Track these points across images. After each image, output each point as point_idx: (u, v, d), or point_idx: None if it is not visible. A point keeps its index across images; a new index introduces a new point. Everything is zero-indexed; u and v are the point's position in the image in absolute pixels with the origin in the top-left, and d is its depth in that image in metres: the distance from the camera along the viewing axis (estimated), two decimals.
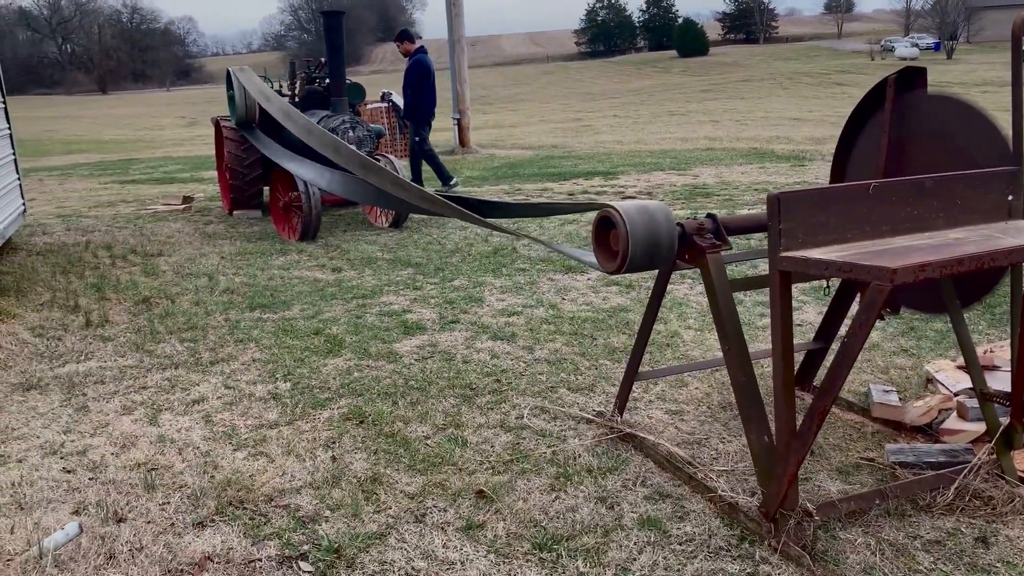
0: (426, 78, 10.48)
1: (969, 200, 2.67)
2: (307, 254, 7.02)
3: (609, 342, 4.51)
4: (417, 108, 10.53)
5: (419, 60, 10.51)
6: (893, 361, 4.08)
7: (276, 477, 3.08)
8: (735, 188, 9.86)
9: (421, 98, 10.50)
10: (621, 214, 2.70)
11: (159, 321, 5.11)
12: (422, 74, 10.46)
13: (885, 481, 2.91)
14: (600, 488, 2.94)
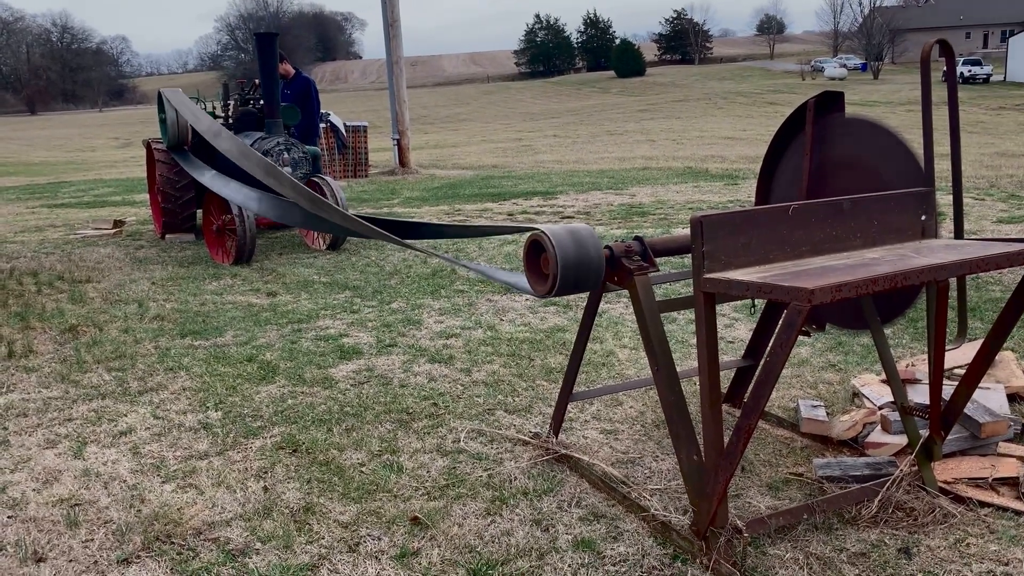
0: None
1: (885, 220, 2.77)
2: (241, 278, 6.91)
3: (546, 362, 4.53)
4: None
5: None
6: (821, 376, 4.18)
7: (206, 509, 3.02)
8: (670, 207, 10.02)
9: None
10: (550, 238, 2.73)
11: (86, 350, 4.97)
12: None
13: (813, 495, 2.97)
14: (535, 511, 2.94)
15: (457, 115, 51.20)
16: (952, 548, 2.62)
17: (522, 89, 73.63)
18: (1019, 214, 8.28)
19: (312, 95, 9.64)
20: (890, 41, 70.45)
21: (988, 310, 5.07)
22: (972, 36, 76.36)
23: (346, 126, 16.19)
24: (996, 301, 5.21)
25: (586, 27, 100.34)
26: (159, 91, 8.45)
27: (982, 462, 3.07)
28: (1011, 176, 11.98)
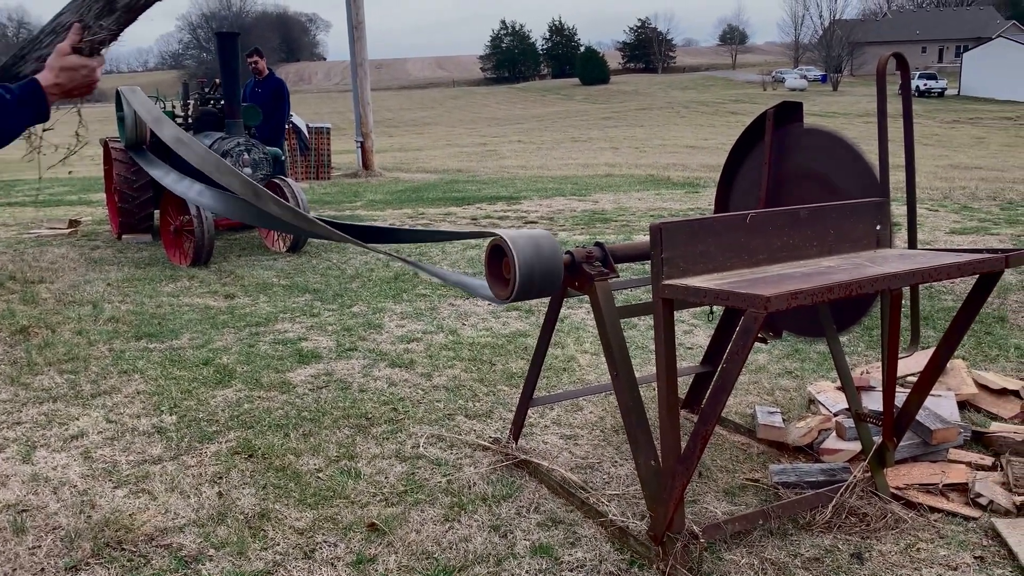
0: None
1: (841, 229, 2.81)
2: (199, 280, 6.81)
3: (508, 367, 4.53)
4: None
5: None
6: (778, 383, 4.24)
7: (158, 515, 2.96)
8: (632, 214, 10.09)
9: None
10: (510, 243, 2.73)
11: (37, 352, 4.85)
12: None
13: (769, 501, 3.00)
14: (494, 516, 2.94)
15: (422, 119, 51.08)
16: (903, 553, 2.66)
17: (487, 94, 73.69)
18: (971, 225, 8.48)
19: (283, 96, 9.57)
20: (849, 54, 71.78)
21: (940, 319, 5.17)
22: (928, 51, 78.11)
23: (309, 128, 16.05)
24: (948, 310, 5.32)
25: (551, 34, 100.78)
26: (117, 90, 8.30)
27: (933, 468, 3.13)
28: (964, 188, 12.26)
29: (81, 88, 2.02)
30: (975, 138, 30.37)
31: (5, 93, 1.90)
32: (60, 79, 1.96)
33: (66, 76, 1.96)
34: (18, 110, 1.91)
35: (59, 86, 1.97)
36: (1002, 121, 38.31)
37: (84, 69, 1.98)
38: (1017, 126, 35.83)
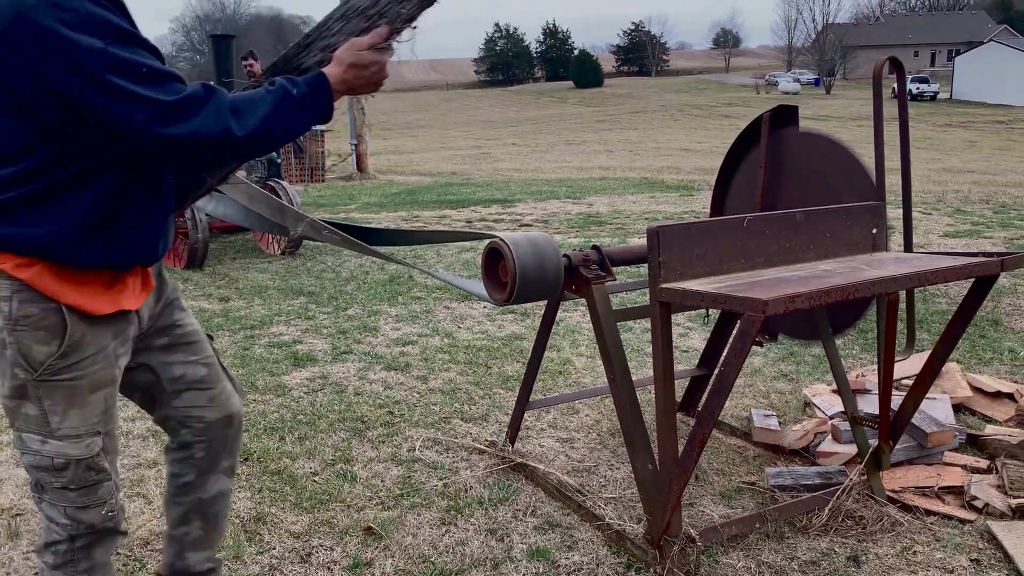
0: None
1: (837, 233, 2.82)
2: (193, 283, 6.79)
3: (503, 371, 4.52)
4: None
5: None
6: (774, 386, 4.24)
7: (153, 519, 2.95)
8: (627, 217, 10.10)
9: None
10: (509, 246, 2.73)
11: None
12: None
13: (765, 504, 3.01)
14: (491, 520, 2.93)
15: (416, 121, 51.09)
16: (899, 556, 2.67)
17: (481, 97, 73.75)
18: (964, 228, 8.51)
19: None
20: (842, 57, 72.04)
21: (935, 322, 5.19)
22: (920, 55, 78.47)
23: None
24: (943, 313, 5.34)
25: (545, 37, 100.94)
26: None
27: (928, 471, 3.13)
28: (957, 191, 12.32)
29: (368, 87, 1.86)
30: (967, 141, 30.50)
31: (291, 87, 1.74)
32: (348, 75, 1.80)
33: (355, 72, 1.80)
34: (303, 107, 1.75)
35: (346, 83, 1.81)
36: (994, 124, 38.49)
37: (375, 66, 1.83)
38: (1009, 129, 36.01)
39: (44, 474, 1.84)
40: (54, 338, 1.75)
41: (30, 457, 1.83)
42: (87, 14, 1.56)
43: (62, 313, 1.74)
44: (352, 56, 1.80)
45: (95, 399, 1.83)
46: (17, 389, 1.78)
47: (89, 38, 1.55)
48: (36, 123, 1.63)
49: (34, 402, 1.78)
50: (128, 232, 1.79)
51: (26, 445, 1.82)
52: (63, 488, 1.84)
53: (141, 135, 1.61)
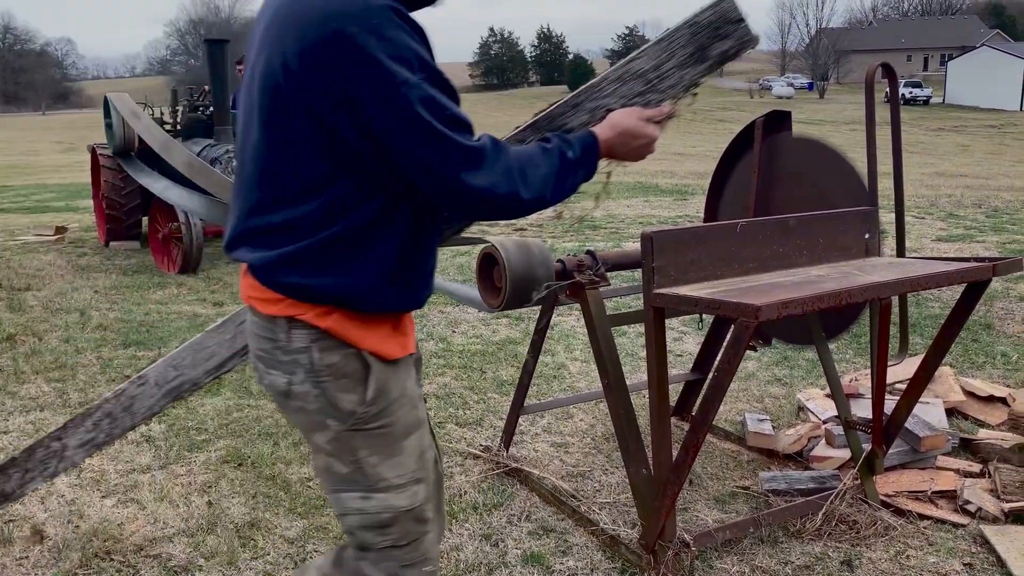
0: None
1: (830, 238, 2.82)
2: (187, 288, 6.78)
3: (498, 375, 4.53)
4: None
5: None
6: (767, 390, 4.25)
7: (147, 525, 2.94)
8: (621, 221, 10.12)
9: None
10: (501, 251, 2.73)
11: (24, 360, 4.82)
12: None
13: (759, 509, 3.01)
14: (485, 525, 2.93)
15: None
16: (893, 560, 2.67)
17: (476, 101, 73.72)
18: (957, 233, 8.54)
19: None
20: (835, 62, 72.28)
21: (928, 326, 5.21)
22: (913, 59, 78.73)
23: None
24: (935, 318, 5.35)
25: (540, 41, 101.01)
26: (105, 96, 8.28)
27: (922, 475, 3.14)
28: (949, 196, 12.36)
29: (630, 156, 1.78)
30: (960, 146, 30.61)
31: (567, 149, 1.67)
32: (617, 142, 1.72)
33: (624, 140, 1.73)
34: (576, 169, 1.68)
35: (612, 149, 1.73)
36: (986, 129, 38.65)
37: (646, 139, 1.76)
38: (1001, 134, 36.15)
39: (369, 534, 1.67)
40: (358, 385, 1.62)
41: (352, 518, 1.67)
42: (406, 47, 1.48)
43: (363, 359, 1.62)
44: (629, 123, 1.73)
45: (409, 445, 1.68)
46: (331, 442, 1.64)
47: (405, 71, 1.46)
48: (331, 152, 1.51)
49: (348, 456, 1.64)
50: (420, 273, 1.69)
51: (346, 505, 1.67)
52: (390, 547, 1.68)
53: (438, 179, 1.51)
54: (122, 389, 2.07)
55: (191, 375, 2.07)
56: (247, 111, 1.61)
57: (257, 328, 1.65)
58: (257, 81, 1.56)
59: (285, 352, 1.61)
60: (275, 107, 1.52)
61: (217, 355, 2.08)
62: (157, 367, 2.05)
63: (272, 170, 1.56)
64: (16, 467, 2.05)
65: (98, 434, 2.06)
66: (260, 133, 1.56)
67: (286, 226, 1.56)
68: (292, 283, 1.57)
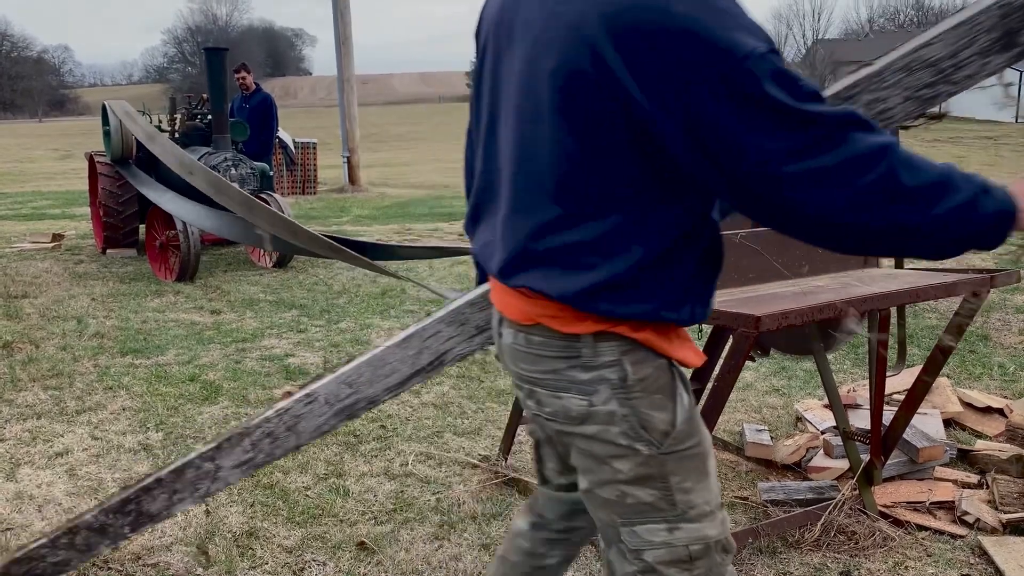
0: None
1: None
2: (184, 295, 6.78)
3: (495, 384, 4.53)
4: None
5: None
6: (766, 401, 4.26)
7: (145, 534, 2.93)
8: None
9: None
10: None
11: (21, 368, 4.81)
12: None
13: (758, 519, 3.01)
14: (484, 535, 2.93)
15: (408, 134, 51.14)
16: (891, 571, 2.67)
17: None
18: None
19: (271, 111, 9.56)
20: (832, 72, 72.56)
21: (925, 337, 5.22)
22: None
23: (295, 143, 16.05)
24: (932, 328, 5.37)
25: None
26: (104, 104, 8.29)
27: (920, 486, 3.15)
28: None
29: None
30: (956, 157, 30.71)
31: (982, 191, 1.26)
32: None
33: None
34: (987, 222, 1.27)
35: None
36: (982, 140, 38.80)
37: None
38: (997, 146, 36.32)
39: (674, 570, 1.47)
40: (668, 400, 1.43)
41: (655, 553, 1.47)
42: (741, 14, 1.23)
43: (672, 370, 1.45)
44: None
45: (713, 465, 1.51)
46: (636, 469, 1.44)
47: (752, 39, 1.20)
48: (644, 154, 1.29)
49: (657, 483, 1.44)
50: (715, 278, 1.48)
51: (646, 539, 1.47)
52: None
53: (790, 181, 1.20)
54: (285, 407, 1.98)
55: (367, 393, 1.97)
56: (516, 117, 1.40)
57: (543, 348, 1.44)
58: (543, 82, 1.32)
59: (586, 369, 1.41)
60: (575, 108, 1.30)
61: (399, 372, 1.96)
62: (327, 384, 1.95)
63: (570, 181, 1.34)
64: (162, 488, 1.96)
65: (257, 454, 1.99)
66: (553, 140, 1.34)
67: (593, 245, 1.35)
68: (613, 311, 1.37)
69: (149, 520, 1.97)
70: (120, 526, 1.96)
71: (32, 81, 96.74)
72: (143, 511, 1.96)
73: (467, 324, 1.95)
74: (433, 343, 1.95)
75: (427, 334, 1.95)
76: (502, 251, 1.46)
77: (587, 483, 1.51)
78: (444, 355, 1.96)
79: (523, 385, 1.52)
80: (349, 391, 1.96)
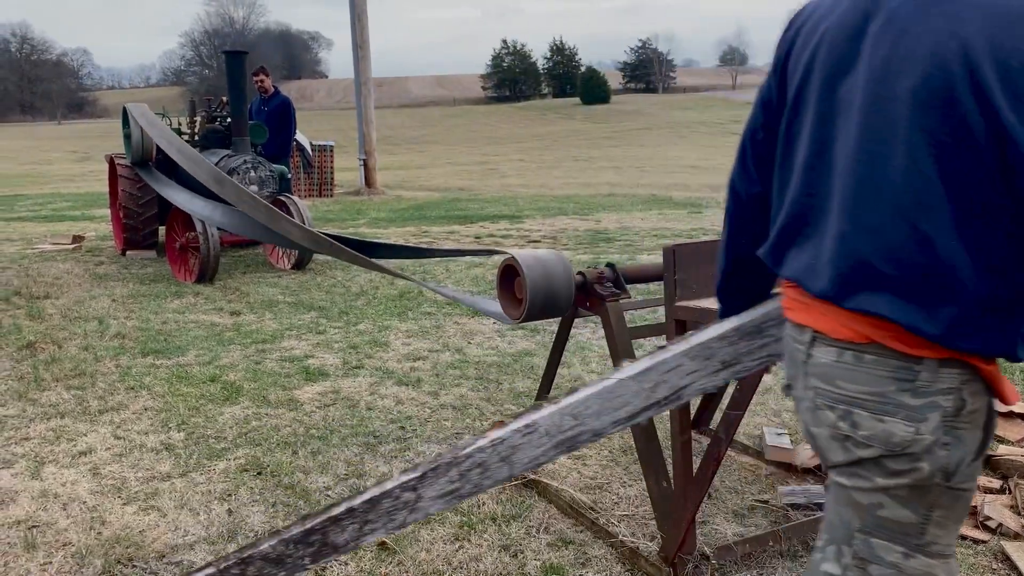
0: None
1: None
2: (204, 297, 6.83)
3: (514, 386, 4.54)
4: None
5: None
6: (785, 404, 4.24)
7: (168, 532, 2.96)
8: (636, 234, 10.13)
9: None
10: (522, 264, 2.75)
11: (44, 368, 4.87)
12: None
13: (778, 523, 3.01)
14: (504, 536, 2.94)
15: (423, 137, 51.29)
16: None
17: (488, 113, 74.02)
18: None
19: (290, 114, 9.62)
20: None
21: None
22: None
23: (312, 145, 16.14)
24: None
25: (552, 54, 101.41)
26: (124, 107, 8.37)
27: None
28: None
29: None
30: None
31: None
32: None
33: None
34: None
35: None
36: None
37: None
38: None
39: None
40: (982, 435, 1.41)
41: (881, 571, 1.46)
42: None
43: (991, 407, 1.43)
44: None
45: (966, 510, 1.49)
46: (914, 493, 1.41)
47: None
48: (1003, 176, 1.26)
49: (923, 509, 1.42)
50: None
51: (877, 554, 1.46)
52: None
53: None
54: (501, 437, 1.89)
55: (593, 425, 1.88)
56: (861, 136, 1.38)
57: (874, 367, 1.39)
58: (900, 100, 1.31)
59: (918, 395, 1.37)
60: (936, 127, 1.28)
61: (630, 405, 1.87)
62: (551, 415, 1.87)
63: (926, 200, 1.30)
64: (353, 518, 1.87)
65: (463, 485, 1.89)
66: (908, 159, 1.31)
67: (950, 270, 1.31)
68: (973, 348, 1.34)
69: (332, 551, 1.88)
70: (299, 556, 1.87)
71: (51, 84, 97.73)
72: (328, 542, 1.88)
73: (712, 359, 1.86)
74: (672, 377, 1.85)
75: (667, 367, 1.86)
76: (832, 271, 1.42)
77: (847, 480, 1.48)
78: (682, 390, 1.86)
79: (836, 406, 1.45)
80: (573, 423, 1.89)
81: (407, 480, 1.88)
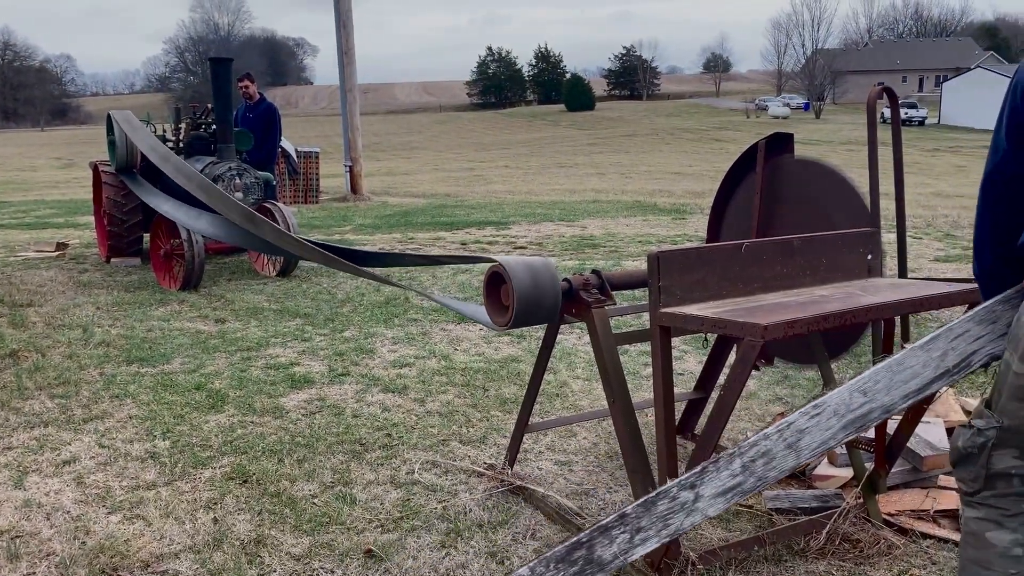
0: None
1: (833, 259, 2.86)
2: (189, 304, 6.80)
3: (500, 393, 4.54)
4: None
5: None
6: (769, 409, 4.27)
7: (153, 541, 2.95)
8: (620, 240, 10.16)
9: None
10: (509, 270, 2.76)
11: (27, 376, 4.83)
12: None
13: (763, 527, 3.03)
14: (490, 543, 2.94)
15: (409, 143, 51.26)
16: None
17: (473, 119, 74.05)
18: (955, 253, 8.59)
19: (275, 120, 9.59)
20: (831, 82, 72.77)
21: None
22: (908, 80, 79.34)
23: (297, 152, 16.10)
24: None
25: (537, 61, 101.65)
26: (109, 113, 8.33)
27: (924, 495, 3.16)
28: (946, 216, 12.43)
29: None
30: (955, 166, 30.81)
31: None
32: None
33: None
34: None
35: None
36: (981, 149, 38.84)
37: None
38: None
39: None
40: None
41: None
42: None
43: None
44: None
45: None
46: None
47: None
48: None
49: None
50: None
51: None
52: None
53: None
54: (788, 422, 1.82)
55: (883, 401, 1.84)
56: None
57: None
58: None
59: None
60: None
61: (920, 376, 1.86)
62: (839, 393, 1.84)
63: None
64: (624, 525, 1.75)
65: (747, 478, 1.80)
66: None
67: None
68: None
69: (597, 570, 1.73)
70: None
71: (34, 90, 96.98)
72: (593, 558, 1.73)
73: (997, 323, 1.86)
74: (960, 344, 1.86)
75: (954, 334, 1.85)
76: None
77: None
78: (971, 356, 1.88)
79: None
80: (863, 400, 1.85)
81: (685, 478, 1.79)
